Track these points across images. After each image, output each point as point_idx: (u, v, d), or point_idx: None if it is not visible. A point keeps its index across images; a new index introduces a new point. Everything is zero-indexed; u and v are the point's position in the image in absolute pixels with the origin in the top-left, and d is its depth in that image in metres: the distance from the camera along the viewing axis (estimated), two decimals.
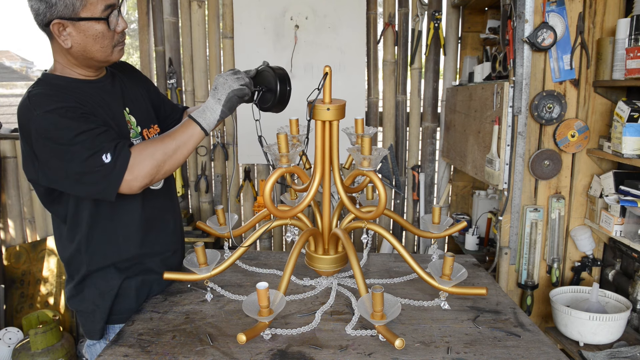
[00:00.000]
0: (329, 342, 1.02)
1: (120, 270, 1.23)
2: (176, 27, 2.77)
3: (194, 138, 1.14)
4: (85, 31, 1.11)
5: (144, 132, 1.29)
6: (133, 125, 1.26)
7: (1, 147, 2.93)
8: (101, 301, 1.21)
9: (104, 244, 1.21)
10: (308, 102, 1.12)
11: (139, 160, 1.08)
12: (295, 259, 1.13)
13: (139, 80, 1.38)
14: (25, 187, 2.98)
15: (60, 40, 1.11)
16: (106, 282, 1.22)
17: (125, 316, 1.22)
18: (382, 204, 1.08)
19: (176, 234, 1.37)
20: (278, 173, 1.09)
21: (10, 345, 2.75)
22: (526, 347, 1.00)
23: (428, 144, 2.74)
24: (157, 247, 1.29)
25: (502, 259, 1.93)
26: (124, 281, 1.23)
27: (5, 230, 3.02)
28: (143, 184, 1.09)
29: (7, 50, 14.50)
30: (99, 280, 1.22)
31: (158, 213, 1.30)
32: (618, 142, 1.64)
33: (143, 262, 1.26)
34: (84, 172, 1.06)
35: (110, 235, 1.21)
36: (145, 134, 1.29)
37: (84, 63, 1.16)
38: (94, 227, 1.19)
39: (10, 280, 2.98)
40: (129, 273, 1.24)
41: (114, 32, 1.14)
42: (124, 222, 1.22)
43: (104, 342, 1.25)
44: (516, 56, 1.78)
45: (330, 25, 2.59)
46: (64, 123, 1.04)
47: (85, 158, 1.04)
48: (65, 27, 1.10)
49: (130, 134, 1.23)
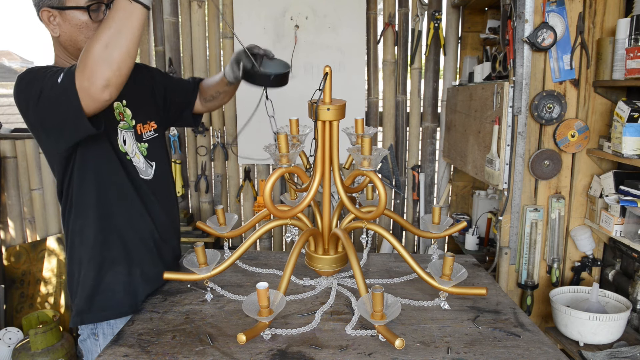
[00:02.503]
0: (329, 342, 1.02)
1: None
2: (176, 27, 2.77)
3: (134, 14, 0.99)
4: (70, 20, 1.15)
5: (137, 126, 1.31)
6: (127, 117, 1.29)
7: (1, 147, 2.93)
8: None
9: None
10: (312, 103, 1.12)
11: (82, 63, 0.98)
12: (295, 259, 1.13)
13: (144, 77, 1.41)
14: (25, 187, 2.98)
15: (50, 29, 1.17)
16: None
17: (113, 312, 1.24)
18: (382, 204, 1.08)
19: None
20: (278, 173, 1.09)
21: (10, 345, 2.75)
22: (526, 347, 1.00)
23: (428, 144, 2.74)
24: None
25: (502, 259, 1.93)
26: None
27: (5, 230, 3.02)
28: (101, 85, 0.98)
29: (7, 50, 14.51)
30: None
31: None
32: (618, 142, 1.64)
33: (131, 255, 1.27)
34: (50, 104, 1.03)
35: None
36: (139, 127, 1.31)
37: (75, 54, 1.19)
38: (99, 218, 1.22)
39: (10, 280, 2.98)
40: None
41: (98, 24, 1.16)
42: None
43: (93, 337, 1.26)
44: (516, 56, 1.78)
45: (330, 25, 2.59)
46: (36, 81, 1.07)
47: (47, 93, 1.03)
48: (55, 16, 1.15)
49: (120, 125, 1.26)
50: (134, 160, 1.28)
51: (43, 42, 7.75)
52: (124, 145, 1.26)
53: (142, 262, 1.28)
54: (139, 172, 1.29)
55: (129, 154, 1.27)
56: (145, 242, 1.30)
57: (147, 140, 1.34)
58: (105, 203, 1.22)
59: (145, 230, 1.30)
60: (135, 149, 1.30)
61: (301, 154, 1.28)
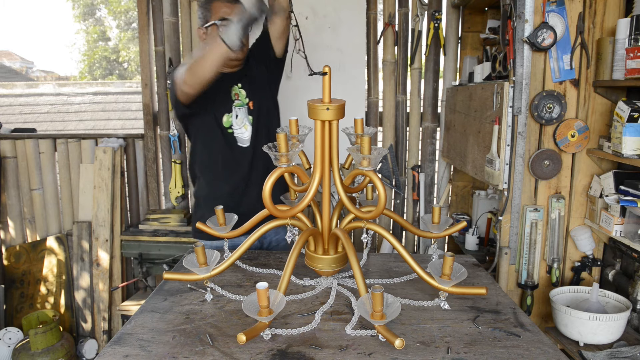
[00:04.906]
0: (329, 342, 1.02)
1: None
2: (176, 27, 2.77)
3: (213, 48, 1.44)
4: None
5: (249, 103, 1.74)
6: (242, 97, 1.74)
7: (1, 147, 2.93)
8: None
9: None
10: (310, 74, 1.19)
11: (180, 70, 1.55)
12: (295, 259, 1.13)
13: (262, 61, 1.81)
14: (25, 187, 2.98)
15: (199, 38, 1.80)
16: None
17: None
18: (381, 203, 1.08)
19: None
20: (278, 173, 1.09)
21: (10, 345, 2.75)
22: (526, 347, 1.00)
23: (428, 144, 2.74)
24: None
25: (502, 259, 1.93)
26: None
27: (5, 230, 3.02)
28: (184, 87, 1.53)
29: (7, 50, 14.50)
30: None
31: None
32: (618, 142, 1.64)
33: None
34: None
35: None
36: (251, 104, 1.75)
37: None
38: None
39: (10, 280, 2.98)
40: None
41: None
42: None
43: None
44: (516, 56, 1.78)
45: (330, 25, 2.59)
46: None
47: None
48: (204, 32, 1.74)
49: (235, 104, 1.73)
50: (237, 132, 1.74)
51: (43, 42, 7.70)
52: (236, 119, 1.73)
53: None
54: (237, 141, 1.73)
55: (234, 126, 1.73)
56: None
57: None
58: (209, 165, 1.76)
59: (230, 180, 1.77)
60: (246, 121, 1.75)
61: (301, 154, 1.28)
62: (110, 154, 2.80)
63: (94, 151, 2.87)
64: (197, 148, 1.79)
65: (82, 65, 14.91)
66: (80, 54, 14.98)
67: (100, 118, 5.97)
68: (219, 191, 1.77)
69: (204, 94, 1.58)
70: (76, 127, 5.75)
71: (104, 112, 6.08)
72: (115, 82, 7.08)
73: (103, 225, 2.80)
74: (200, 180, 1.81)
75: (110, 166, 2.79)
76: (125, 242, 2.79)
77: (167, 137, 2.84)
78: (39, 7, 35.15)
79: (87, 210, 2.89)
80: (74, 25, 17.47)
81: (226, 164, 1.75)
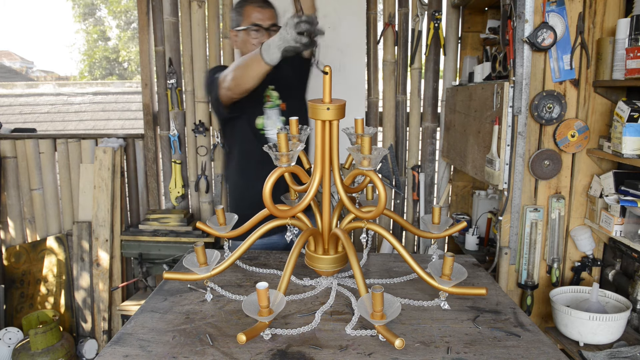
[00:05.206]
0: (329, 342, 1.02)
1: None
2: (176, 27, 2.77)
3: (254, 63, 1.48)
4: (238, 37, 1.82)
5: (282, 105, 1.79)
6: (274, 98, 1.78)
7: (1, 147, 2.93)
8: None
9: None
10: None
11: (222, 76, 1.61)
12: (295, 259, 1.13)
13: (293, 63, 1.73)
14: (25, 187, 2.99)
15: (232, 42, 1.87)
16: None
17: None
18: (382, 203, 1.08)
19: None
20: (278, 173, 1.09)
21: (10, 345, 2.75)
22: (526, 347, 1.00)
23: (428, 144, 2.74)
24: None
25: (502, 259, 1.93)
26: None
27: (5, 230, 3.02)
28: (224, 90, 1.61)
29: (7, 50, 14.51)
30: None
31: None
32: (618, 142, 1.64)
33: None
34: (207, 88, 1.76)
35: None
36: (283, 106, 1.79)
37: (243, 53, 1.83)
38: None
39: (10, 280, 2.98)
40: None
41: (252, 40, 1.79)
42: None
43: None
44: (516, 56, 1.78)
45: (330, 25, 2.59)
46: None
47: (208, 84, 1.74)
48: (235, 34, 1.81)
49: (267, 105, 1.77)
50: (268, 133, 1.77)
51: (43, 42, 7.70)
52: (268, 120, 1.77)
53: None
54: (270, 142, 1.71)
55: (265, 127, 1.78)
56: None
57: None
58: (245, 168, 1.81)
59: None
60: (279, 123, 1.79)
61: (301, 153, 1.28)
62: (110, 154, 2.80)
63: (94, 151, 2.87)
64: (233, 151, 1.83)
65: (82, 65, 14.92)
66: (80, 53, 14.99)
67: (100, 118, 5.98)
68: (254, 192, 1.75)
69: (243, 98, 1.64)
70: (76, 127, 5.75)
71: (104, 112, 6.09)
72: (115, 82, 7.09)
73: (103, 225, 2.80)
74: (236, 182, 1.86)
75: (110, 166, 2.79)
76: (125, 242, 2.79)
77: (167, 137, 2.84)
78: (38, 7, 35.10)
79: (87, 210, 2.89)
80: (73, 25, 17.46)
81: (260, 166, 1.71)
